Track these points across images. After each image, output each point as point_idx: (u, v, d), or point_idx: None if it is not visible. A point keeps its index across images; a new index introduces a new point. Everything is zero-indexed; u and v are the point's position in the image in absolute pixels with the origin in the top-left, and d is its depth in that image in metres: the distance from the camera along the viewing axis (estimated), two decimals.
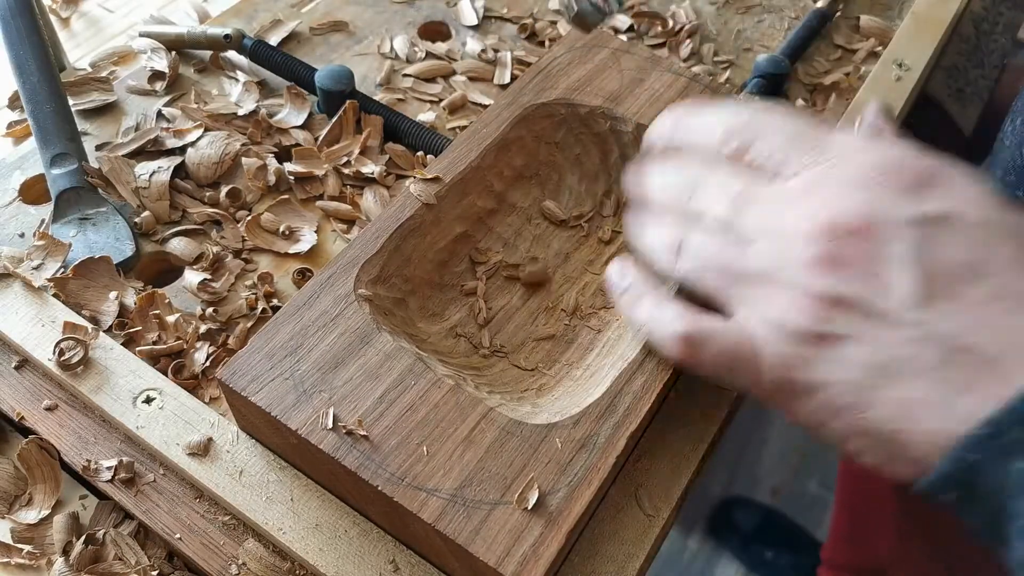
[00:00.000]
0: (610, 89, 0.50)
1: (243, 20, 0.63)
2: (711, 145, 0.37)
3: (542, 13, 0.66)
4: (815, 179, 0.33)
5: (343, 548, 0.37)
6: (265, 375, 0.37)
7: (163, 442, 0.40)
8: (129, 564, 0.38)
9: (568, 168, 0.50)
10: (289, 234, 0.50)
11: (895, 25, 0.67)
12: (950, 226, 0.30)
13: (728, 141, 0.36)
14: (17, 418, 0.42)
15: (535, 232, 0.48)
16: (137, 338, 0.44)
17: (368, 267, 0.41)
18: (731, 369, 0.34)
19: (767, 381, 0.33)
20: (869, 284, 0.30)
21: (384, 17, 0.65)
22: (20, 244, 0.48)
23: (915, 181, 0.31)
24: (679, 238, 0.36)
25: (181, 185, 0.51)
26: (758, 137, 0.36)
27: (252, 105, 0.56)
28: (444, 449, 0.35)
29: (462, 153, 0.46)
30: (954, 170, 0.32)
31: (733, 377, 0.34)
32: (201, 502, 0.39)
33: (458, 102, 0.58)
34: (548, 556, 0.32)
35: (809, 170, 0.34)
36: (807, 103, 0.60)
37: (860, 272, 0.30)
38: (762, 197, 0.34)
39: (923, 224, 0.30)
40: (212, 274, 0.47)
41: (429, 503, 0.33)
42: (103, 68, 0.59)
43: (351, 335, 0.38)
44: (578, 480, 0.34)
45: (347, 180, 0.53)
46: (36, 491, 0.40)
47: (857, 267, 0.30)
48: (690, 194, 0.36)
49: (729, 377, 0.34)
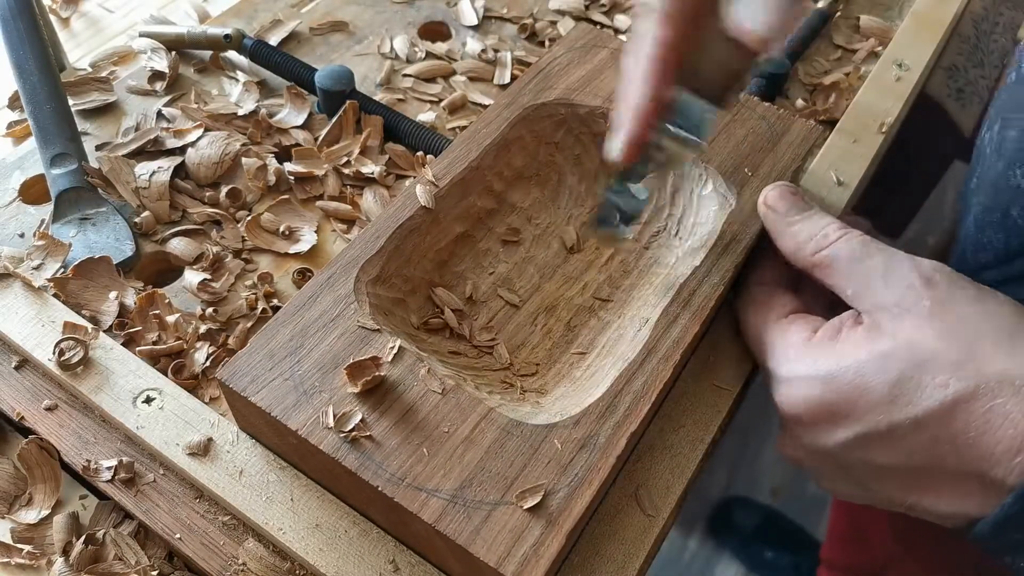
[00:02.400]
0: (610, 89, 0.50)
1: (243, 20, 0.63)
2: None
3: (542, 13, 0.66)
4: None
5: (343, 548, 0.37)
6: (265, 375, 0.37)
7: (163, 442, 0.40)
8: (129, 564, 0.38)
9: (568, 168, 0.50)
10: (289, 234, 0.50)
11: (895, 25, 0.67)
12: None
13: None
14: (17, 418, 0.42)
15: (535, 232, 0.48)
16: (137, 338, 0.44)
17: (368, 267, 0.41)
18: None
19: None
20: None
21: (384, 17, 0.65)
22: (20, 244, 0.48)
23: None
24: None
25: (181, 185, 0.51)
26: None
27: (252, 105, 0.56)
28: (444, 449, 0.35)
29: (462, 153, 0.46)
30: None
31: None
32: (201, 502, 0.39)
33: (458, 102, 0.58)
34: (549, 556, 0.32)
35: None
36: (807, 103, 0.60)
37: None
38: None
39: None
40: (212, 274, 0.47)
41: (429, 503, 0.33)
42: (103, 68, 0.59)
43: (351, 335, 0.38)
44: (578, 480, 0.34)
45: (347, 180, 0.53)
46: (36, 491, 0.40)
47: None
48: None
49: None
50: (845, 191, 0.53)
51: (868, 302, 0.37)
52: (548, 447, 0.35)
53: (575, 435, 0.36)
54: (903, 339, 0.35)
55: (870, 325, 0.37)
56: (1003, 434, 0.32)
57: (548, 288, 0.46)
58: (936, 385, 0.34)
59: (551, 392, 0.41)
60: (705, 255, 0.43)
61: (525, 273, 0.47)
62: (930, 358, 0.34)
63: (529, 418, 0.37)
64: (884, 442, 0.36)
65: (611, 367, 0.39)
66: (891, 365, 0.35)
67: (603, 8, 0.66)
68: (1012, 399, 0.32)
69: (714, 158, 0.47)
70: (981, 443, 0.33)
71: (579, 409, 0.37)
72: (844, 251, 0.39)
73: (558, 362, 0.43)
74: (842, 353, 0.37)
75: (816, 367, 0.38)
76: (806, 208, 0.42)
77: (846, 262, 0.39)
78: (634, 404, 0.37)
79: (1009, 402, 0.32)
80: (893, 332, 0.36)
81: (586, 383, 0.40)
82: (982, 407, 0.33)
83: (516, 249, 0.48)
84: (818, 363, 0.38)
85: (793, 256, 0.41)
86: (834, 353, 0.37)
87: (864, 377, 0.36)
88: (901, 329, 0.36)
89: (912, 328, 0.35)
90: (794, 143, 0.48)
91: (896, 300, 0.36)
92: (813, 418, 0.38)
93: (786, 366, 0.39)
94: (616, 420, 0.36)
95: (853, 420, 0.36)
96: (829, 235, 0.40)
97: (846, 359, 0.37)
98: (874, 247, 0.39)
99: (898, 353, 0.35)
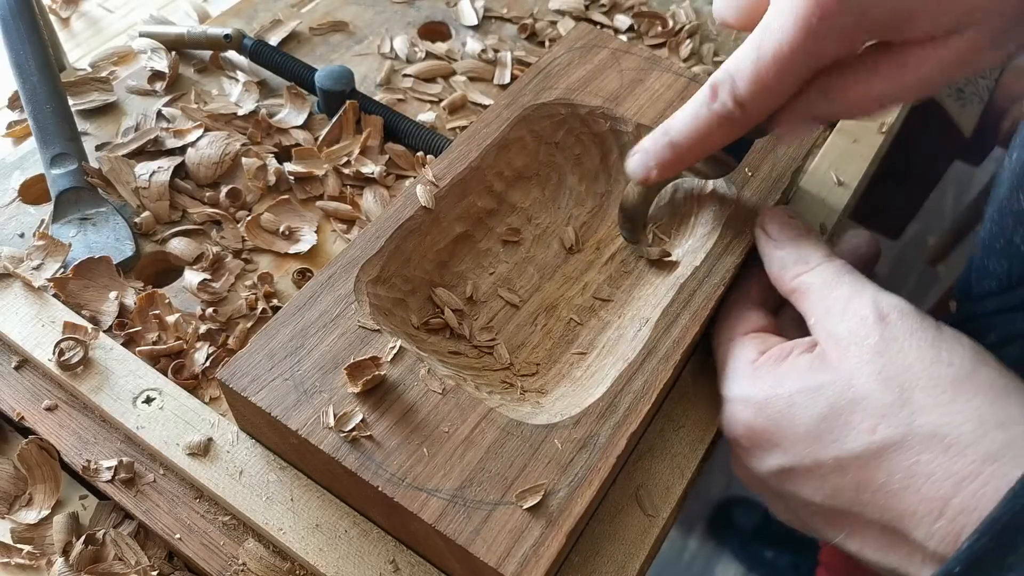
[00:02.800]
0: (610, 89, 0.50)
1: (243, 20, 0.63)
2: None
3: (542, 13, 0.66)
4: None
5: (343, 548, 0.37)
6: (265, 375, 0.37)
7: (163, 442, 0.40)
8: (129, 564, 0.38)
9: (568, 168, 0.50)
10: (289, 234, 0.50)
11: None
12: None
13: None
14: (17, 418, 0.42)
15: (535, 232, 0.48)
16: (137, 338, 0.44)
17: (368, 267, 0.41)
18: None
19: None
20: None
21: (384, 17, 0.65)
22: (20, 244, 0.48)
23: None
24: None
25: (181, 185, 0.51)
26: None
27: (252, 105, 0.56)
28: (444, 449, 0.35)
29: (462, 153, 0.46)
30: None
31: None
32: (201, 502, 0.39)
33: (458, 102, 0.58)
34: (549, 556, 0.32)
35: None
36: None
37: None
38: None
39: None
40: (212, 274, 0.47)
41: (429, 503, 0.33)
42: (103, 68, 0.59)
43: (351, 335, 0.38)
44: (578, 480, 0.34)
45: (347, 180, 0.53)
46: (36, 491, 0.40)
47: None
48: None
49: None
50: (845, 191, 0.53)
51: (823, 331, 0.36)
52: (548, 447, 0.35)
53: (575, 435, 0.36)
54: (842, 374, 0.34)
55: (818, 354, 0.36)
56: (925, 494, 0.30)
57: (548, 288, 0.46)
58: (864, 428, 0.32)
59: (551, 392, 0.41)
60: (705, 255, 0.43)
61: (525, 273, 0.47)
62: (863, 399, 0.33)
63: (529, 418, 0.37)
64: (808, 477, 0.35)
65: (611, 367, 0.39)
66: (823, 399, 0.34)
67: (603, 8, 0.66)
68: (939, 457, 0.30)
69: None
70: (903, 498, 0.31)
71: (579, 409, 0.37)
72: (816, 279, 0.38)
73: (558, 362, 0.43)
74: (780, 380, 0.36)
75: (753, 390, 0.37)
76: (798, 234, 0.41)
77: (816, 290, 0.38)
78: (634, 404, 0.37)
79: (936, 460, 0.30)
80: (835, 365, 0.34)
81: (586, 383, 0.40)
82: (907, 460, 0.31)
83: (516, 249, 0.48)
84: (755, 386, 0.37)
85: (776, 281, 0.40)
86: (772, 378, 0.37)
87: (794, 408, 0.35)
88: (843, 363, 0.34)
89: (854, 364, 0.34)
90: (794, 143, 0.48)
91: (847, 333, 0.35)
92: (746, 442, 0.38)
93: (728, 384, 0.39)
94: (616, 420, 0.36)
95: (780, 450, 0.36)
96: (809, 262, 0.39)
97: (781, 387, 0.36)
98: (846, 278, 0.37)
99: (833, 388, 0.34)
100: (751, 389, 0.37)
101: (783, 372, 0.36)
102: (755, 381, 0.37)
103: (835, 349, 0.35)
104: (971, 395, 0.31)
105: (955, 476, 0.30)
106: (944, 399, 0.31)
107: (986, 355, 0.33)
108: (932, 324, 0.34)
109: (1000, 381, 0.32)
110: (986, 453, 0.30)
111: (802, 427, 0.34)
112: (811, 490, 0.35)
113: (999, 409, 0.31)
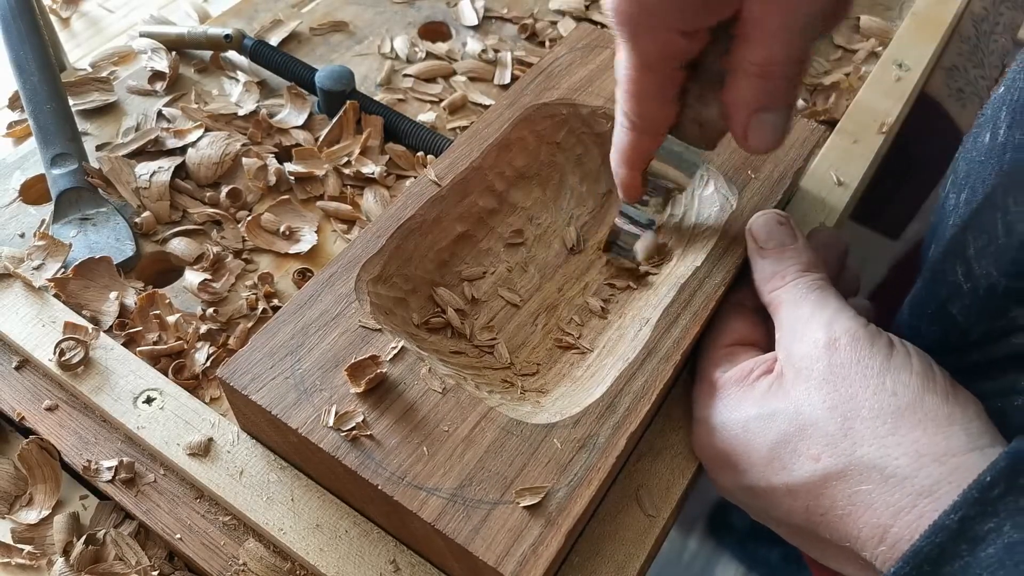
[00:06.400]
0: (611, 89, 0.50)
1: (243, 20, 0.63)
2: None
3: (542, 13, 0.66)
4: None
5: (343, 548, 0.37)
6: (266, 374, 0.37)
7: (163, 442, 0.40)
8: (129, 564, 0.38)
9: (569, 168, 0.50)
10: (289, 234, 0.50)
11: (895, 25, 0.67)
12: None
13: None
14: (17, 418, 0.42)
15: (536, 232, 0.48)
16: (137, 338, 0.44)
17: (369, 266, 0.41)
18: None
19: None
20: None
21: (384, 17, 0.65)
22: (20, 244, 0.48)
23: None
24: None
25: (181, 185, 0.51)
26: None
27: (252, 105, 0.56)
28: (444, 448, 0.35)
29: (463, 153, 0.46)
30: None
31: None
32: (201, 502, 0.39)
33: (458, 102, 0.58)
34: (548, 556, 0.32)
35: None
36: (807, 103, 0.60)
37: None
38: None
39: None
40: (212, 274, 0.47)
41: (429, 502, 0.33)
42: (103, 68, 0.59)
43: (352, 334, 0.38)
44: (578, 480, 0.34)
45: (347, 180, 0.53)
46: (36, 491, 0.40)
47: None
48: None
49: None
50: (845, 191, 0.53)
51: (784, 352, 0.37)
52: (548, 447, 0.35)
53: (575, 435, 0.36)
54: (792, 401, 0.34)
55: (775, 377, 0.36)
56: (866, 520, 0.31)
57: (549, 288, 0.46)
58: (809, 456, 0.33)
59: (551, 392, 0.41)
60: (706, 256, 0.43)
61: (526, 273, 0.47)
62: (810, 427, 0.33)
63: (529, 418, 0.37)
64: (766, 498, 0.36)
65: (611, 367, 0.39)
66: (774, 427, 0.35)
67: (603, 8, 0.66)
68: (878, 488, 0.31)
69: (715, 159, 0.47)
70: (848, 523, 0.32)
71: (579, 409, 0.37)
72: (787, 296, 0.38)
73: (558, 362, 0.43)
74: (737, 404, 0.37)
75: (714, 413, 0.38)
76: (786, 240, 0.40)
77: (784, 306, 0.38)
78: (634, 404, 0.37)
79: (875, 491, 0.31)
80: (788, 391, 0.35)
81: (586, 383, 0.40)
82: (849, 489, 0.32)
83: (517, 249, 0.48)
84: (715, 408, 0.38)
85: (758, 290, 0.41)
86: (731, 401, 0.37)
87: (748, 433, 0.36)
88: (795, 390, 0.35)
89: (802, 391, 0.34)
90: (795, 143, 0.48)
91: (800, 357, 0.35)
92: (708, 462, 0.39)
93: (695, 404, 0.40)
94: (616, 420, 0.36)
95: (739, 473, 0.36)
96: (785, 276, 0.39)
97: (738, 411, 0.37)
98: (812, 296, 0.37)
99: (783, 415, 0.34)
100: (712, 411, 0.38)
101: (741, 395, 0.37)
102: (716, 403, 0.38)
103: (790, 372, 0.36)
104: (911, 426, 0.32)
105: (893, 507, 0.30)
106: (884, 431, 0.32)
107: (934, 381, 0.33)
108: (883, 350, 0.34)
109: (944, 410, 0.32)
110: (921, 487, 0.30)
111: (755, 453, 0.35)
112: (771, 509, 0.36)
113: (939, 441, 0.31)
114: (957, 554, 0.28)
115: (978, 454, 0.30)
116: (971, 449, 0.31)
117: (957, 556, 0.28)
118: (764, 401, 0.36)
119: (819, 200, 0.53)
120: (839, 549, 0.34)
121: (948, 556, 0.28)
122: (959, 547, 0.28)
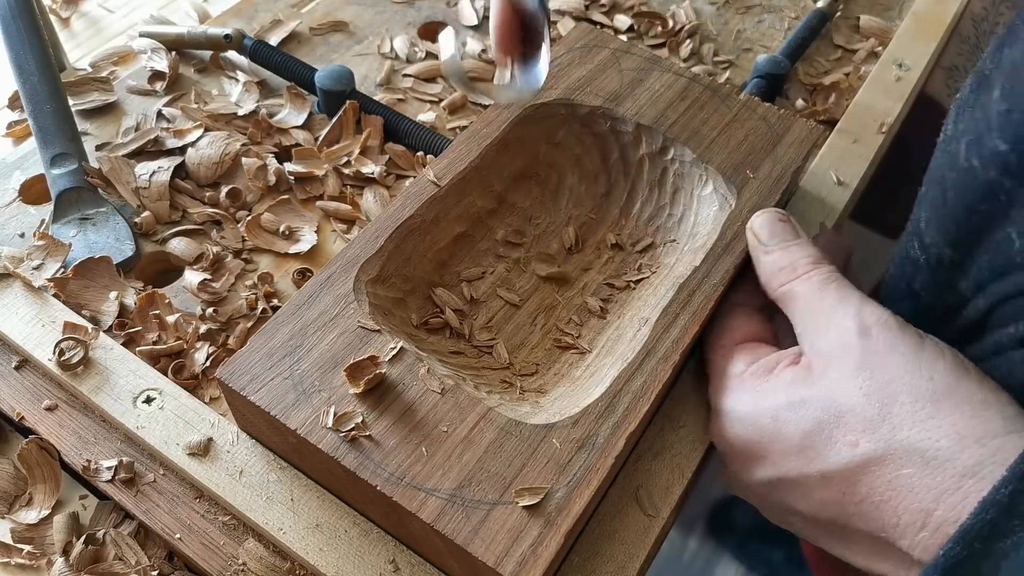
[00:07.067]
0: (610, 89, 0.50)
1: (243, 20, 0.63)
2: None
3: None
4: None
5: (343, 548, 0.37)
6: (265, 374, 0.37)
7: (163, 442, 0.40)
8: (129, 564, 0.38)
9: (568, 168, 0.50)
10: (289, 234, 0.50)
11: (895, 25, 0.67)
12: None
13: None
14: (17, 418, 0.42)
15: (535, 232, 0.48)
16: (137, 338, 0.44)
17: (368, 267, 0.41)
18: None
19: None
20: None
21: (384, 17, 0.65)
22: (20, 244, 0.48)
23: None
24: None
25: (181, 185, 0.51)
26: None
27: (252, 105, 0.56)
28: (443, 449, 0.35)
29: (462, 153, 0.46)
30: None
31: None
32: (201, 502, 0.39)
33: (458, 102, 0.58)
34: (547, 556, 0.32)
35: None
36: (807, 103, 0.60)
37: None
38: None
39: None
40: (212, 274, 0.47)
41: (428, 503, 0.33)
42: (103, 68, 0.59)
43: (351, 335, 0.38)
44: (577, 480, 0.34)
45: (347, 180, 0.53)
46: (36, 491, 0.40)
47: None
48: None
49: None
50: (845, 191, 0.53)
51: (808, 343, 0.37)
52: (547, 447, 0.35)
53: (574, 435, 0.36)
54: (824, 388, 0.34)
55: (803, 367, 0.36)
56: (907, 506, 0.31)
57: (548, 288, 0.46)
58: (846, 443, 0.33)
59: (550, 392, 0.41)
60: (705, 255, 0.43)
61: (525, 273, 0.47)
62: (846, 413, 0.33)
63: (528, 418, 0.37)
64: (796, 490, 0.35)
65: (610, 367, 0.39)
66: (807, 414, 0.34)
67: (603, 8, 0.66)
68: (919, 471, 0.31)
69: (714, 159, 0.47)
70: (886, 511, 0.32)
71: (578, 409, 0.37)
72: (803, 288, 0.38)
73: (557, 362, 0.43)
74: (765, 394, 0.36)
75: (740, 403, 0.37)
76: (789, 237, 0.41)
77: (802, 299, 0.38)
78: (633, 404, 0.37)
79: (916, 474, 0.31)
80: (818, 380, 0.35)
81: (585, 383, 0.40)
82: (889, 474, 0.32)
83: (516, 249, 0.48)
84: (742, 399, 0.37)
85: (765, 286, 0.41)
86: (758, 392, 0.37)
87: (779, 422, 0.35)
88: (826, 378, 0.35)
89: (836, 379, 0.34)
90: (794, 143, 0.48)
91: (830, 346, 0.35)
92: (734, 454, 0.38)
93: (716, 396, 0.40)
94: (615, 420, 0.36)
95: (768, 463, 0.36)
96: (797, 269, 0.39)
97: (766, 400, 0.36)
98: (832, 287, 0.37)
99: (816, 403, 0.34)
100: (737, 402, 0.38)
101: (769, 386, 0.37)
102: (742, 394, 0.38)
103: (819, 362, 0.35)
104: (950, 409, 0.32)
105: (936, 489, 0.30)
106: (924, 414, 0.32)
107: (967, 366, 0.33)
108: (914, 337, 0.34)
109: (979, 394, 0.32)
110: (964, 468, 0.30)
111: (787, 441, 0.35)
112: (799, 501, 0.35)
113: (978, 423, 0.31)
114: (1010, 530, 0.28)
115: (1017, 436, 0.30)
116: (1010, 431, 0.31)
117: (1010, 532, 0.28)
118: (793, 390, 0.35)
119: (819, 200, 0.53)
120: (870, 542, 0.33)
121: (1000, 532, 0.28)
122: (1012, 523, 0.28)
